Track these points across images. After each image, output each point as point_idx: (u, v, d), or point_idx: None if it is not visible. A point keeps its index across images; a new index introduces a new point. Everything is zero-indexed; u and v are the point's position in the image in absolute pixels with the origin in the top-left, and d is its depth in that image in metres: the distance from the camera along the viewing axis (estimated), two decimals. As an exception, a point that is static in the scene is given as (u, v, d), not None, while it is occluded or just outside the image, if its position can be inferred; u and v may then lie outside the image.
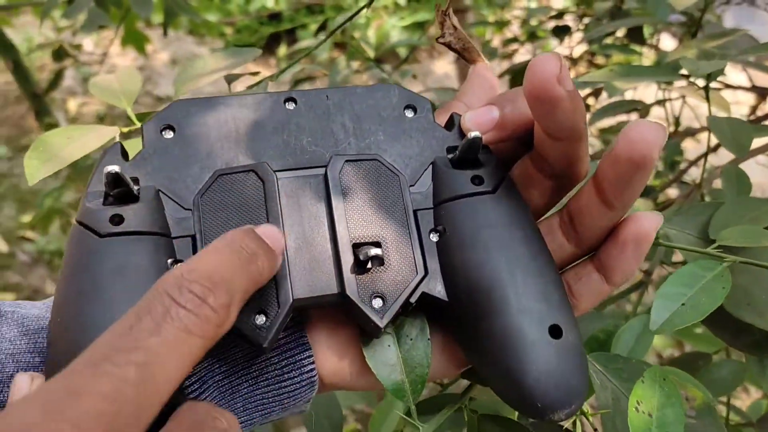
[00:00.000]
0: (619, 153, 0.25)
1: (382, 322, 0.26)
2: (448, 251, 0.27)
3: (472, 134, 0.27)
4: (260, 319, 0.25)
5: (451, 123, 0.30)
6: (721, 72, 0.46)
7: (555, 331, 0.25)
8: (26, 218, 1.77)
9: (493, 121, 0.29)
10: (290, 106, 0.29)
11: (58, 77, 1.05)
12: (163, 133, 0.28)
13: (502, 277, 0.26)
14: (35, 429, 0.16)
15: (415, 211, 0.28)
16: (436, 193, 0.29)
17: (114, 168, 0.24)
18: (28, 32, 2.30)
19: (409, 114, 0.30)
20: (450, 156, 0.29)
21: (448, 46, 0.33)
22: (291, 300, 0.26)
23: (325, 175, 0.28)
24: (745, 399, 1.22)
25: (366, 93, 0.30)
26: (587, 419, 0.34)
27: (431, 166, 0.29)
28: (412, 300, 0.27)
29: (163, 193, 0.27)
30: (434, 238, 0.28)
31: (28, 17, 2.30)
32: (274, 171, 0.28)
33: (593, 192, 0.27)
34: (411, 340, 0.29)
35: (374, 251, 0.26)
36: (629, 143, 0.25)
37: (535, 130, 0.28)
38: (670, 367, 0.37)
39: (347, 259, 0.26)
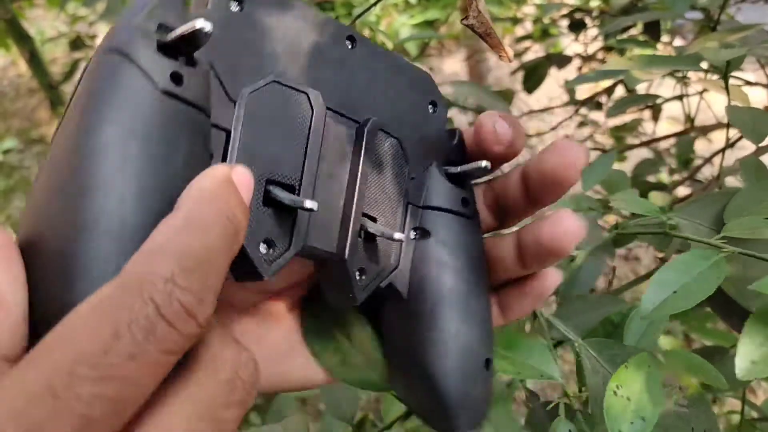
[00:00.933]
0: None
1: (361, 296, 0.27)
2: (422, 254, 0.29)
3: (484, 163, 0.29)
4: (264, 248, 0.23)
5: (453, 136, 0.31)
6: (741, 61, 0.46)
7: (488, 364, 0.29)
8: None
9: (509, 142, 0.29)
10: (348, 45, 0.28)
11: (74, 68, 1.05)
12: (231, 3, 0.24)
13: (464, 300, 0.28)
14: None
15: (407, 204, 0.29)
16: (428, 196, 0.29)
17: (208, 26, 0.20)
18: (39, 25, 2.31)
19: (430, 110, 0.31)
20: (447, 168, 0.30)
21: (472, 28, 0.33)
22: (303, 244, 0.25)
23: (360, 136, 0.27)
24: (753, 398, 1.22)
25: (409, 69, 0.30)
26: (569, 400, 0.35)
27: (429, 168, 0.30)
28: (383, 285, 0.28)
29: (213, 70, 0.23)
30: (413, 235, 0.29)
31: (40, 11, 2.31)
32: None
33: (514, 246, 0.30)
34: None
35: (381, 229, 0.27)
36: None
37: (514, 185, 0.30)
38: (691, 353, 0.37)
39: (354, 227, 0.26)
